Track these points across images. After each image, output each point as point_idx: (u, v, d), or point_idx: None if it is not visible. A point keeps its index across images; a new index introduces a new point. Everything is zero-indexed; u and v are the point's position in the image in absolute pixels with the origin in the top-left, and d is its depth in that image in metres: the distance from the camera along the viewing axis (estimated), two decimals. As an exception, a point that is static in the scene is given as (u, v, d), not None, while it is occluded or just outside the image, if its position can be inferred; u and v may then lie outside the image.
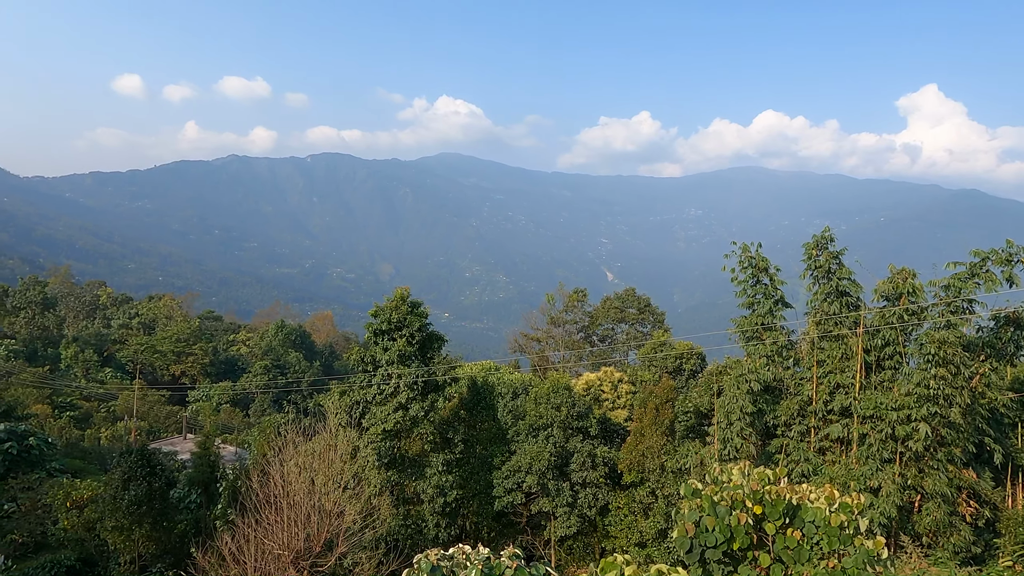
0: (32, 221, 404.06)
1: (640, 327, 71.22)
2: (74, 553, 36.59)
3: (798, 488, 10.47)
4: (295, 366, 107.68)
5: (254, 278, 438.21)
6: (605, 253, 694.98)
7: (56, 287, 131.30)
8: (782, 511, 10.05)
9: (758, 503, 10.14)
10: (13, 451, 45.55)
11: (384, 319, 35.75)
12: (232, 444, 67.50)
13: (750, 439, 30.48)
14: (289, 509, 25.27)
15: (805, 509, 10.08)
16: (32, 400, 71.07)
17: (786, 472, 11.05)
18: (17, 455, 45.82)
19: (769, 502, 10.16)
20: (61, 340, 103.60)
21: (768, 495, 10.26)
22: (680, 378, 47.83)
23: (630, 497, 36.99)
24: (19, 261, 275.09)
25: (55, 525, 38.78)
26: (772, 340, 32.36)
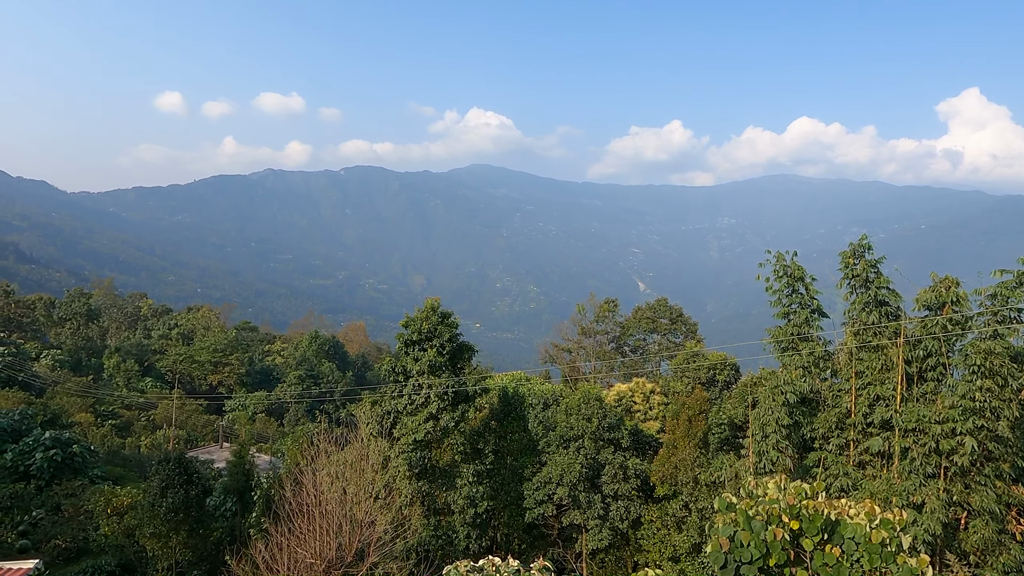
0: (78, 235, 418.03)
1: (672, 337, 70.38)
2: (114, 559, 37.40)
3: (837, 503, 10.16)
4: (328, 376, 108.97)
5: (289, 289, 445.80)
6: (636, 263, 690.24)
7: (100, 299, 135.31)
8: (820, 527, 9.75)
9: (795, 518, 9.85)
10: (58, 458, 46.85)
11: (415, 329, 35.95)
12: (267, 453, 68.44)
13: (786, 452, 29.78)
14: (321, 518, 25.47)
15: (844, 525, 9.76)
16: (76, 409, 73.11)
17: (824, 486, 10.69)
18: (61, 462, 47.13)
19: (806, 517, 9.87)
20: (104, 350, 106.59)
21: (805, 510, 9.96)
22: (713, 389, 47.07)
23: (663, 510, 36.42)
24: (66, 274, 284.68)
25: (96, 531, 39.69)
26: (808, 351, 31.64)
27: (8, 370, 73.56)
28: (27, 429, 49.40)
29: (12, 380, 73.00)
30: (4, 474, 45.56)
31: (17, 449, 46.60)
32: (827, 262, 42.26)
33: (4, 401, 61.67)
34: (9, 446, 47.04)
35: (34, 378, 78.77)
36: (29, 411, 55.00)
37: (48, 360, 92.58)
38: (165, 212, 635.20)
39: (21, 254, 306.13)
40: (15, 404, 60.12)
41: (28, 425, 50.26)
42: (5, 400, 62.49)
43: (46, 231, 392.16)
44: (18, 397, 65.55)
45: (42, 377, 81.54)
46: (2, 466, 45.82)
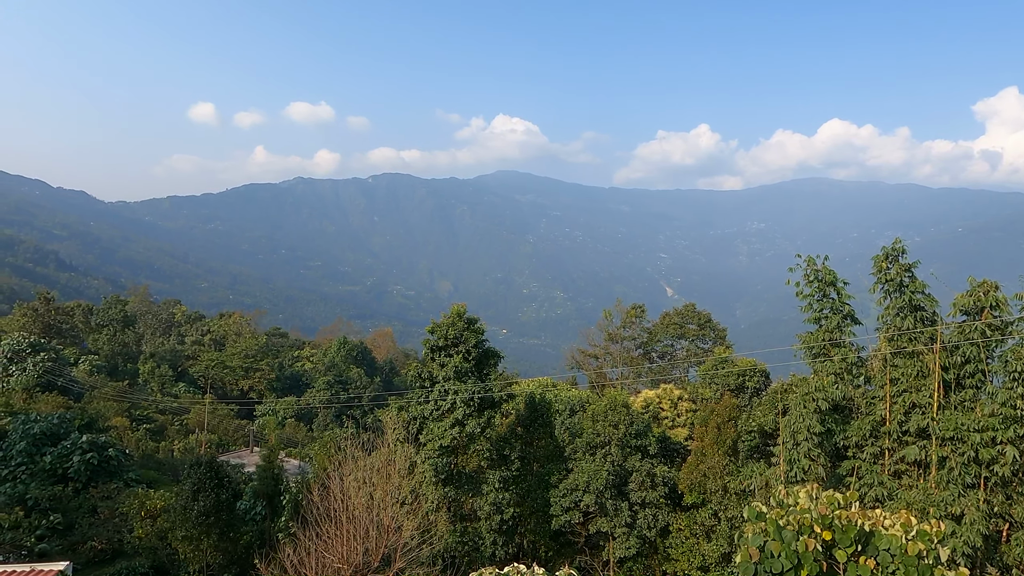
0: (115, 243, 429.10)
1: (701, 343, 69.55)
2: (147, 561, 38.07)
3: (871, 513, 9.87)
4: (356, 382, 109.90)
5: (318, 296, 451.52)
6: (664, 268, 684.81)
7: (135, 305, 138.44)
8: (854, 537, 9.48)
9: (827, 528, 9.60)
10: (94, 461, 47.91)
11: (441, 335, 36.07)
12: (296, 458, 69.18)
13: (818, 460, 29.17)
14: (348, 523, 25.61)
15: (879, 536, 9.48)
16: (112, 413, 74.74)
17: (858, 496, 10.39)
18: (98, 465, 48.18)
19: (839, 527, 9.60)
20: (139, 356, 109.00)
21: (838, 520, 9.70)
22: (743, 396, 46.34)
23: (691, 519, 35.92)
24: (103, 281, 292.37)
25: (130, 533, 40.45)
26: (841, 357, 31.00)
27: (48, 375, 75.59)
28: (65, 433, 50.63)
29: (52, 385, 74.98)
30: (44, 476, 46.74)
31: (56, 452, 47.77)
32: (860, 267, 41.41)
33: (44, 405, 63.34)
34: (48, 449, 48.25)
35: (72, 383, 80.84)
36: (67, 415, 56.39)
37: (86, 365, 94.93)
38: (198, 220, 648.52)
39: (61, 262, 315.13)
40: (54, 408, 61.70)
41: (66, 429, 51.50)
42: (45, 404, 64.19)
43: (85, 240, 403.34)
44: (57, 401, 67.28)
45: (80, 382, 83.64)
46: (42, 468, 47.02)
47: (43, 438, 49.15)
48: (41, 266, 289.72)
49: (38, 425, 49.74)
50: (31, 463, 47.48)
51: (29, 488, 44.70)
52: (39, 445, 48.61)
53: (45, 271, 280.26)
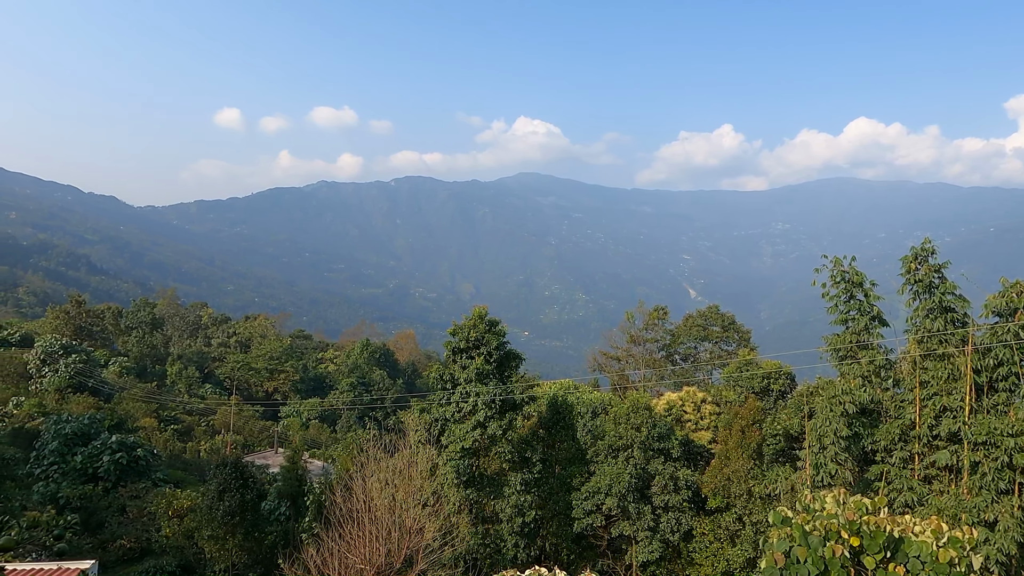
0: (144, 247, 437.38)
1: (724, 345, 68.81)
2: (175, 559, 38.65)
3: (900, 519, 9.65)
4: (379, 383, 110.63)
5: (342, 298, 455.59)
6: (687, 270, 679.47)
7: (164, 308, 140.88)
8: (882, 544, 9.27)
9: (855, 534, 9.40)
10: (123, 461, 48.81)
11: (462, 337, 36.12)
12: (319, 459, 69.77)
13: (846, 465, 28.67)
14: (371, 524, 25.75)
15: (909, 543, 9.26)
16: (141, 414, 76.15)
17: (887, 501, 10.17)
18: (127, 465, 49.09)
19: (868, 533, 9.40)
20: (167, 358, 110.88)
21: (866, 526, 9.50)
22: (768, 399, 45.73)
23: (715, 523, 35.51)
24: (132, 284, 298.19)
25: (158, 532, 41.12)
26: (868, 359, 30.44)
27: (79, 376, 77.22)
28: (96, 433, 51.65)
29: (83, 386, 76.59)
30: (75, 476, 47.75)
31: (86, 452, 48.76)
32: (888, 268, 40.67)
33: (75, 406, 64.72)
34: (79, 449, 49.27)
35: (103, 384, 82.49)
36: (98, 416, 57.56)
37: (116, 367, 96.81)
38: (225, 224, 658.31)
39: (92, 266, 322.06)
40: (85, 409, 63.02)
41: (97, 429, 52.54)
42: (76, 405, 65.59)
43: (115, 244, 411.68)
44: (88, 402, 68.72)
45: (110, 383, 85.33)
46: (73, 468, 48.03)
47: (74, 438, 50.19)
48: (73, 270, 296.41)
49: (70, 425, 50.82)
50: (63, 462, 48.52)
51: (61, 487, 45.67)
52: (71, 445, 49.66)
53: (77, 275, 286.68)
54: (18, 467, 48.80)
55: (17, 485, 46.05)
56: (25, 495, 44.53)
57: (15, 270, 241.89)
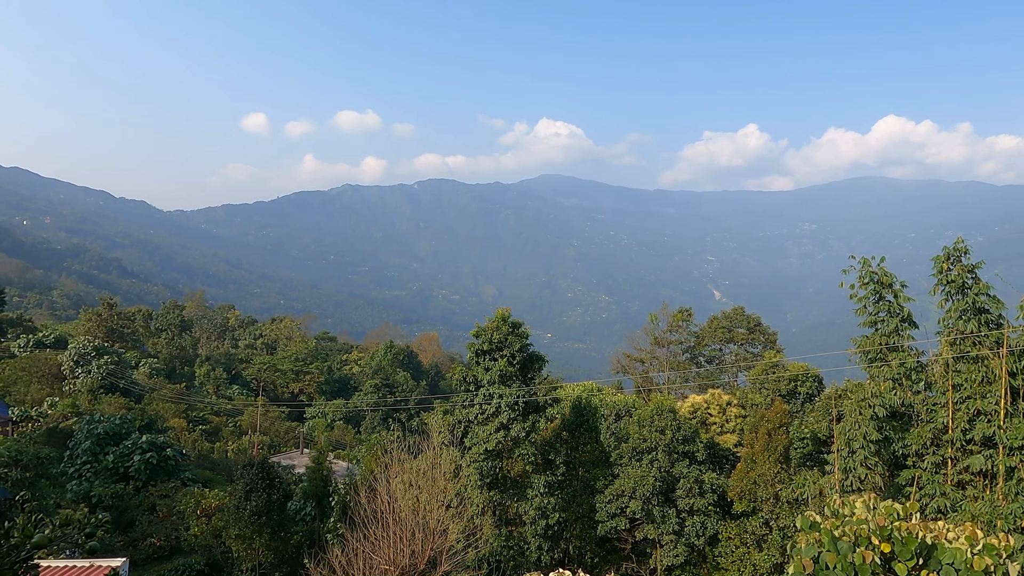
0: (173, 251, 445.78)
1: (750, 348, 68.00)
2: (203, 558, 39.24)
3: (933, 525, 9.43)
4: (403, 385, 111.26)
5: (366, 300, 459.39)
6: (712, 271, 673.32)
7: (192, 311, 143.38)
8: (915, 551, 9.06)
9: (886, 540, 9.20)
10: (153, 461, 49.72)
11: (485, 339, 36.18)
12: (344, 460, 70.37)
13: (876, 469, 28.12)
14: (395, 525, 25.89)
15: (942, 550, 9.04)
16: (170, 414, 77.51)
17: (919, 507, 9.93)
18: (157, 464, 49.98)
19: (899, 540, 9.20)
20: (196, 359, 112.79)
21: (898, 532, 9.29)
22: (794, 402, 45.09)
23: (741, 527, 35.07)
24: (162, 287, 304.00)
25: (187, 531, 41.79)
26: (899, 362, 29.84)
27: (111, 377, 78.89)
28: (127, 433, 52.69)
29: (114, 387, 78.23)
30: (107, 475, 48.76)
31: (118, 451, 49.76)
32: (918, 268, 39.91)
33: (107, 406, 66.13)
34: (111, 448, 50.31)
35: (133, 385, 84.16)
36: (129, 416, 58.74)
37: (146, 368, 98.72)
38: (251, 228, 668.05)
39: (123, 269, 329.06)
40: (117, 409, 64.37)
41: (127, 429, 53.60)
42: (108, 405, 67.02)
43: (145, 247, 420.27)
44: (119, 403, 70.18)
45: (140, 384, 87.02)
46: (105, 467, 49.05)
47: (106, 438, 51.26)
48: (105, 273, 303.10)
49: (102, 425, 51.92)
50: (95, 462, 49.58)
51: (93, 486, 46.67)
52: (102, 444, 50.72)
53: (108, 278, 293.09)
54: (52, 466, 49.89)
55: (51, 483, 47.13)
56: (59, 493, 45.59)
57: (50, 273, 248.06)
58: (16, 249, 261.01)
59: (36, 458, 42.98)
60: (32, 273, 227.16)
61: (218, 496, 43.36)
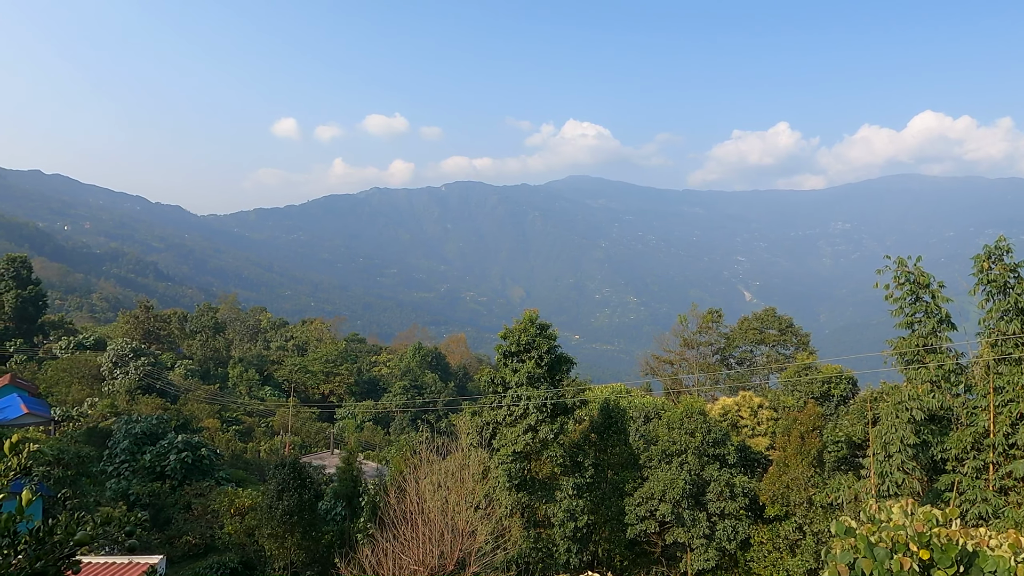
0: (207, 254, 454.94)
1: (782, 349, 66.91)
2: (237, 556, 39.89)
3: (974, 532, 9.16)
4: (431, 386, 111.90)
5: (394, 302, 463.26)
6: (742, 272, 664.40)
7: (225, 313, 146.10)
8: (955, 558, 8.81)
9: (925, 547, 8.96)
10: (188, 460, 50.76)
11: (513, 341, 36.21)
12: (373, 460, 70.99)
13: (913, 474, 27.45)
14: (424, 526, 26.04)
15: (984, 557, 8.78)
16: (204, 415, 79.08)
17: (959, 513, 9.66)
18: (192, 464, 51.02)
19: (939, 546, 8.95)
20: (229, 361, 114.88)
21: (937, 538, 9.05)
22: (828, 405, 44.24)
23: (774, 532, 34.52)
24: (196, 290, 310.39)
25: (221, 529, 42.55)
26: (937, 364, 29.09)
27: (148, 378, 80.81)
28: (163, 433, 53.90)
29: (151, 387, 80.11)
30: (144, 473, 49.94)
31: (154, 451, 50.92)
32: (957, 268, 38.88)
33: (144, 407, 67.73)
34: (148, 448, 51.50)
35: (169, 386, 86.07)
36: (165, 416, 60.10)
37: (181, 369, 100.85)
38: (282, 231, 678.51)
39: (159, 272, 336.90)
40: (153, 410, 65.90)
41: (164, 429, 54.83)
42: (145, 406, 68.64)
43: (180, 251, 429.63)
44: (156, 403, 71.83)
45: (176, 385, 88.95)
46: (142, 466, 50.24)
47: (143, 437, 52.49)
48: (142, 276, 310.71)
49: (139, 425, 53.18)
50: (133, 461, 50.80)
51: (131, 484, 47.82)
52: (140, 444, 51.95)
53: (145, 281, 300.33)
54: (92, 464, 51.21)
55: (92, 481, 48.38)
56: (99, 491, 46.79)
57: (89, 277, 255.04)
58: (58, 253, 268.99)
59: (77, 457, 44.18)
60: (73, 277, 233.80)
61: (251, 495, 44.06)
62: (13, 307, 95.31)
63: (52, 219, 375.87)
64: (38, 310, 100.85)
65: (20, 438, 7.19)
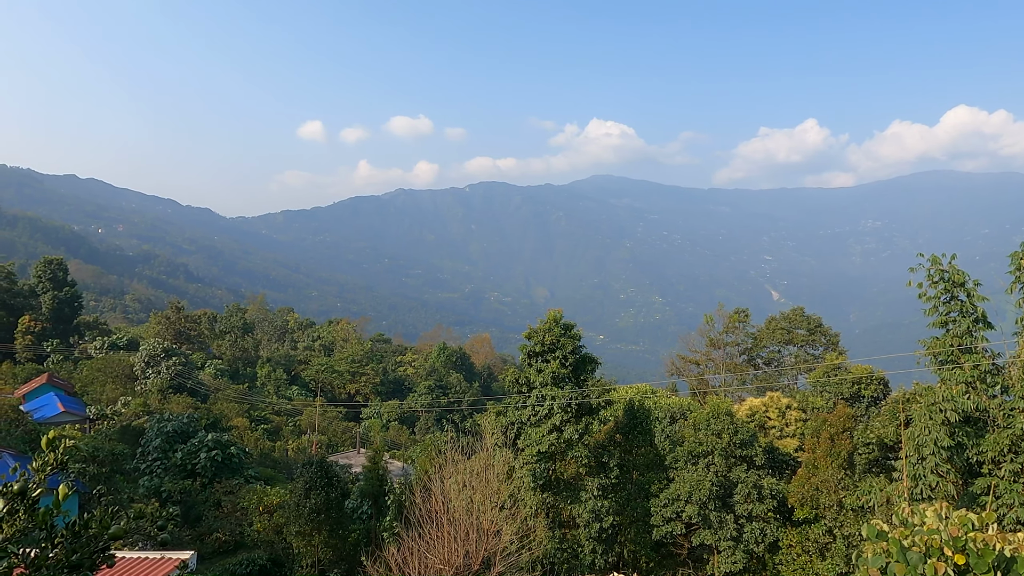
0: (235, 256, 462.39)
1: (810, 349, 65.91)
2: (265, 553, 40.48)
3: (1012, 537, 8.92)
4: (456, 386, 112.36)
5: (419, 303, 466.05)
6: (769, 271, 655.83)
7: (254, 314, 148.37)
8: (992, 563, 8.58)
9: (960, 551, 8.75)
10: (218, 458, 51.64)
11: (537, 341, 36.18)
12: (399, 460, 71.50)
13: (948, 477, 26.82)
14: (449, 525, 26.14)
15: (1022, 563, 8.55)
16: (234, 414, 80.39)
17: (995, 517, 9.43)
18: (221, 462, 51.90)
19: (974, 551, 8.73)
20: (257, 361, 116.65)
21: (973, 543, 8.83)
22: (858, 406, 43.47)
23: (803, 535, 33.99)
24: (225, 291, 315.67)
25: (250, 527, 43.22)
26: (972, 364, 28.38)
27: (179, 378, 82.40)
28: (193, 431, 54.92)
29: (182, 387, 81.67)
30: (175, 471, 50.93)
31: (185, 449, 51.91)
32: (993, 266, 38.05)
33: (175, 406, 69.09)
34: (179, 446, 52.52)
35: (199, 385, 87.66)
36: (195, 415, 61.21)
37: (211, 369, 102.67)
38: (309, 233, 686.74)
39: (190, 274, 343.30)
40: (184, 408, 67.18)
41: (194, 428, 55.86)
42: (176, 405, 70.02)
43: (210, 253, 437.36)
44: (186, 402, 73.22)
45: (206, 385, 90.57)
46: (174, 464, 51.25)
47: (175, 436, 53.54)
48: (173, 278, 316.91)
49: (171, 424, 54.25)
50: (165, 459, 51.85)
51: (163, 481, 48.80)
52: (171, 442, 53.00)
53: (176, 282, 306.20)
54: (126, 462, 52.44)
55: (125, 479, 49.50)
56: (132, 488, 47.84)
57: (122, 279, 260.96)
58: (92, 256, 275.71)
59: (111, 454, 45.27)
60: (107, 278, 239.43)
61: (279, 493, 44.67)
62: (50, 308, 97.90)
63: (87, 222, 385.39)
64: (74, 311, 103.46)
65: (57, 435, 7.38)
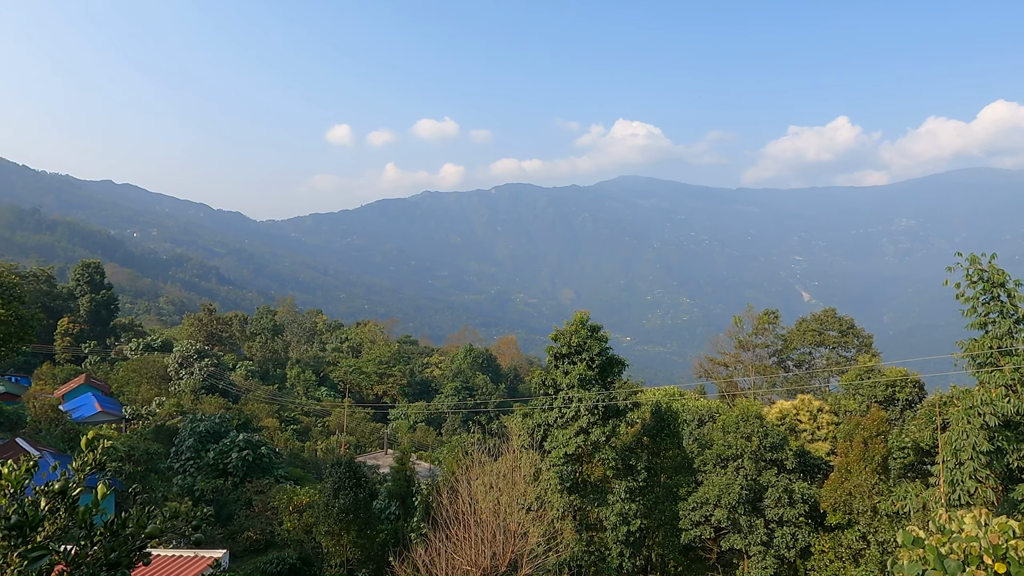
0: (266, 259, 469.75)
1: (842, 351, 64.65)
2: (295, 552, 41.00)
3: (1055, 546, 8.64)
4: (482, 388, 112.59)
5: (445, 304, 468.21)
6: (800, 271, 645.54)
7: (283, 316, 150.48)
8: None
9: (1000, 560, 8.50)
10: (249, 458, 52.45)
11: (564, 343, 36.08)
12: (426, 461, 71.88)
13: (987, 483, 26.09)
14: (476, 527, 26.21)
15: (1067, 572, 8.27)
16: (264, 414, 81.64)
17: (1038, 525, 9.14)
18: (252, 462, 52.70)
19: (1016, 560, 8.48)
20: (287, 362, 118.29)
21: (1014, 551, 8.58)
22: (892, 409, 42.47)
23: (836, 540, 33.35)
24: (256, 293, 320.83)
25: (280, 526, 43.80)
26: (1013, 366, 27.58)
27: (211, 379, 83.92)
28: (225, 431, 55.85)
29: (214, 388, 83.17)
30: (208, 470, 51.85)
31: (217, 449, 52.81)
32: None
33: (208, 406, 70.38)
34: (211, 446, 53.45)
35: (231, 386, 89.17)
36: (227, 415, 62.28)
37: (242, 370, 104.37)
38: (337, 235, 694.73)
39: (221, 277, 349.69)
40: (216, 409, 68.41)
41: (226, 428, 56.81)
42: (208, 405, 71.32)
43: (240, 256, 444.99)
44: (218, 403, 74.54)
45: (237, 385, 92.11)
46: (206, 463, 52.17)
47: (207, 436, 54.49)
48: (205, 280, 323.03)
49: (203, 424, 55.25)
50: (197, 458, 52.80)
51: (196, 481, 49.72)
52: (204, 442, 53.95)
53: (208, 285, 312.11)
54: (160, 461, 53.58)
55: (159, 477, 50.59)
56: (166, 487, 48.86)
57: (156, 282, 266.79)
58: (128, 259, 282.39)
59: (146, 453, 46.31)
60: (141, 281, 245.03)
61: (308, 493, 45.20)
62: (88, 310, 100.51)
63: (122, 226, 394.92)
64: (110, 313, 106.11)
65: (95, 435, 7.57)
